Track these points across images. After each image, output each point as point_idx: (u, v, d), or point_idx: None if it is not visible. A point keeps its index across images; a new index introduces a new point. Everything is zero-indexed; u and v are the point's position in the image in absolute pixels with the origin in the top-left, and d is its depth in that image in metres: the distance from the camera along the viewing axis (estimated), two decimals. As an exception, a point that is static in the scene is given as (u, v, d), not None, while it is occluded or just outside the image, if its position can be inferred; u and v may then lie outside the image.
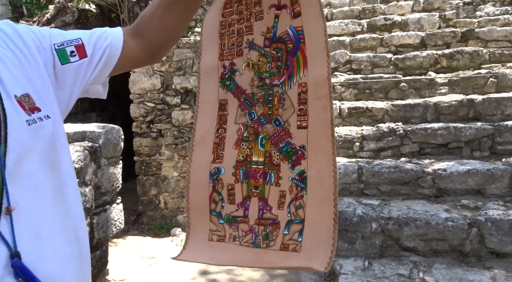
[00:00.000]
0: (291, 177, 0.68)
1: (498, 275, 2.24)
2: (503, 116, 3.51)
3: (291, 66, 0.69)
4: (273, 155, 0.70)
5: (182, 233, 3.98)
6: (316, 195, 0.65)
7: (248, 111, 0.73)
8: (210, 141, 0.76)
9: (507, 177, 2.77)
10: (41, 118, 0.59)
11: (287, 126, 0.69)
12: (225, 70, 0.76)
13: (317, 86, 0.66)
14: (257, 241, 0.70)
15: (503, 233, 2.35)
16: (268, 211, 0.70)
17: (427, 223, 2.47)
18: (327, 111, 0.64)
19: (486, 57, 4.54)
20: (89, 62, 0.69)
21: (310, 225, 0.65)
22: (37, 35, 0.66)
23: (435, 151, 3.36)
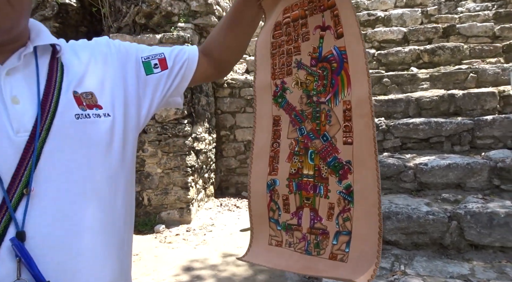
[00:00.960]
0: (339, 190, 0.72)
1: (476, 266, 2.29)
2: (483, 111, 3.58)
3: (336, 84, 0.72)
4: (322, 168, 0.74)
5: (166, 230, 3.95)
6: (362, 209, 0.69)
7: (298, 127, 0.78)
8: (266, 154, 0.82)
9: (486, 170, 2.83)
10: (99, 114, 0.66)
11: (334, 142, 0.72)
12: (277, 88, 0.81)
13: (360, 105, 0.69)
14: (309, 248, 0.75)
15: (481, 226, 2.40)
16: (318, 221, 0.74)
17: (409, 217, 2.50)
18: (370, 129, 0.67)
19: (466, 52, 4.62)
20: (169, 74, 0.79)
21: (356, 237, 0.69)
22: (127, 49, 0.77)
23: (416, 146, 3.41)
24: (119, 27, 4.42)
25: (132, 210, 0.75)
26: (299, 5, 0.77)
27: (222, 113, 5.45)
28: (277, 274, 2.86)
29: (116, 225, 0.67)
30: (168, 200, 4.10)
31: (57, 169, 0.61)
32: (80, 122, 0.64)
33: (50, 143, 0.60)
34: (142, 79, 0.76)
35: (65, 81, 0.66)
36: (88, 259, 0.61)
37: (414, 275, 2.21)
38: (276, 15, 0.81)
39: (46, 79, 0.64)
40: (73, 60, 0.70)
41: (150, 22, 4.38)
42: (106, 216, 0.65)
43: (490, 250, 2.42)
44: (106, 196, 0.65)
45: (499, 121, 3.23)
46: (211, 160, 5.07)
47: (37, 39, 0.66)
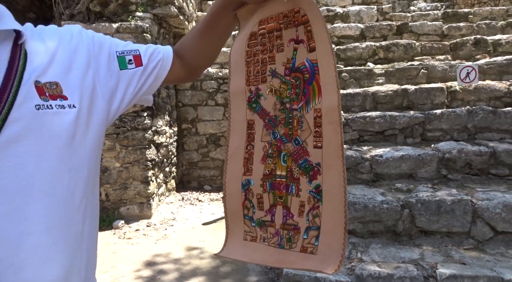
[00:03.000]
0: (309, 189, 0.78)
1: (426, 251, 2.45)
2: (433, 105, 3.81)
3: (308, 93, 0.78)
4: (294, 170, 0.80)
5: (126, 226, 3.85)
6: (329, 207, 0.75)
7: (272, 131, 0.83)
8: (241, 156, 0.87)
9: (435, 161, 3.02)
10: (63, 105, 0.64)
11: (305, 146, 0.78)
12: (252, 94, 0.86)
13: (329, 113, 0.75)
14: (282, 243, 0.81)
15: (430, 213, 2.57)
16: (290, 217, 0.81)
17: (365, 206, 2.62)
18: (338, 135, 0.74)
19: (418, 49, 4.87)
20: (143, 71, 0.79)
21: (325, 232, 0.75)
22: (101, 40, 0.76)
23: (373, 138, 3.56)
24: (72, 15, 4.20)
25: (95, 204, 0.74)
26: (274, 18, 0.82)
27: (184, 106, 5.37)
28: (240, 266, 2.90)
29: (73, 220, 0.66)
30: (127, 195, 4.00)
31: (10, 161, 0.58)
32: (40, 113, 0.62)
33: (5, 134, 0.58)
34: (115, 73, 0.76)
35: (28, 70, 0.63)
36: (34, 255, 0.60)
37: (369, 261, 2.33)
38: (252, 26, 0.86)
39: (6, 67, 0.61)
40: (39, 47, 0.67)
41: (106, 10, 4.20)
42: (61, 210, 0.63)
43: (438, 235, 2.60)
44: (63, 190, 0.64)
45: (447, 115, 3.45)
46: (172, 153, 4.99)
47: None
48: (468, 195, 2.65)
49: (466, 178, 3.00)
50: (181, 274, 2.84)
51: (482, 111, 3.40)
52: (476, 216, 2.53)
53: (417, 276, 2.12)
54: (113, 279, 2.78)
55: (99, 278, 2.77)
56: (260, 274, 2.76)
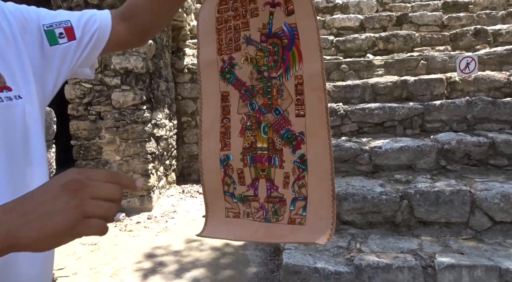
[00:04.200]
0: (293, 160, 0.76)
1: (424, 241, 2.47)
2: (432, 96, 3.80)
3: (287, 60, 0.75)
4: (276, 141, 0.77)
5: (126, 218, 3.87)
6: (316, 176, 0.73)
7: (249, 102, 0.79)
8: (217, 131, 0.83)
9: (434, 152, 3.03)
10: (10, 97, 0.59)
11: (287, 115, 0.76)
12: (225, 64, 0.81)
13: (312, 79, 0.72)
14: (268, 216, 0.78)
15: (429, 204, 2.58)
16: (275, 190, 0.78)
17: (364, 198, 2.64)
18: (322, 102, 0.71)
19: (418, 40, 4.84)
20: (78, 45, 0.70)
21: (312, 202, 0.74)
22: (24, 14, 0.66)
23: (372, 130, 3.57)
24: (69, 7, 4.17)
25: None
26: None
27: (183, 99, 5.36)
28: (240, 258, 2.92)
29: None
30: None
31: None
32: None
33: None
34: (46, 51, 0.67)
35: None
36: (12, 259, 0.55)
37: (368, 252, 2.35)
38: None
39: None
40: None
41: (104, 3, 4.17)
42: None
43: (436, 225, 2.62)
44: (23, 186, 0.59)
45: (446, 106, 3.44)
46: (172, 146, 5.00)
47: None
48: (467, 186, 2.66)
49: (465, 169, 3.01)
50: (181, 266, 2.86)
51: (481, 102, 3.40)
52: (475, 206, 2.55)
53: (415, 265, 2.14)
54: (115, 270, 2.81)
55: (101, 270, 2.80)
56: (260, 265, 2.79)
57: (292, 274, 2.23)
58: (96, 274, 2.76)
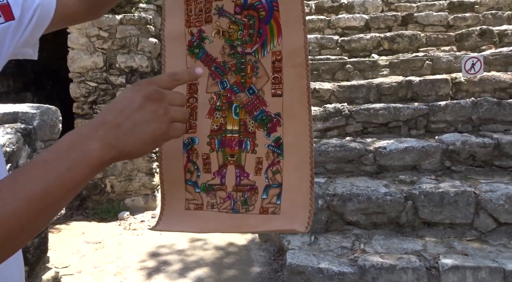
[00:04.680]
0: (267, 143, 0.69)
1: (428, 242, 2.46)
2: (437, 96, 3.78)
3: (264, 34, 0.68)
4: (248, 123, 0.70)
5: (131, 217, 3.89)
6: (293, 160, 0.67)
7: (220, 80, 0.72)
8: None
9: (439, 153, 3.01)
10: None
11: (262, 95, 0.69)
12: (193, 37, 0.73)
13: (293, 55, 0.66)
14: (236, 207, 0.70)
15: (434, 204, 2.58)
16: (245, 177, 0.71)
17: (368, 198, 2.63)
18: (303, 79, 0.65)
19: (423, 40, 4.82)
20: (18, 25, 0.62)
21: (288, 188, 0.67)
22: None
23: (376, 130, 3.56)
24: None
25: None
26: None
27: (187, 98, 5.37)
28: (244, 257, 2.93)
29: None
30: (132, 187, 4.03)
31: None
32: None
33: None
34: None
35: None
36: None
37: (372, 252, 2.35)
38: None
39: None
40: None
41: (109, 2, 4.19)
42: None
43: (440, 226, 2.61)
44: None
45: (451, 106, 3.43)
46: (175, 145, 5.01)
47: None
48: (472, 187, 2.65)
49: (470, 170, 2.99)
50: (185, 265, 2.87)
51: (486, 103, 3.38)
52: (479, 208, 2.54)
53: (419, 266, 2.13)
54: (119, 269, 2.83)
55: (105, 269, 2.82)
56: (264, 265, 2.79)
57: (296, 274, 2.23)
58: (100, 273, 2.78)
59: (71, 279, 2.70)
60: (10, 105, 2.15)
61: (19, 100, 4.12)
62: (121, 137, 0.46)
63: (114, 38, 3.95)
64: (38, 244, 2.04)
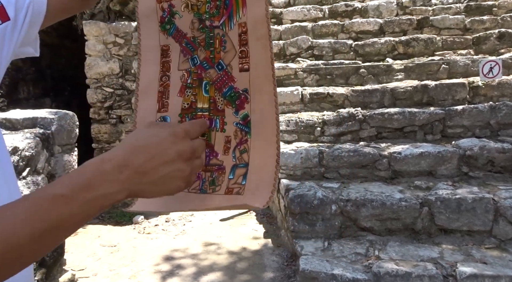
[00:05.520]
0: (236, 121, 0.67)
1: (445, 249, 2.41)
2: (454, 101, 3.72)
3: (230, 5, 0.66)
4: (217, 100, 0.68)
5: (145, 221, 3.93)
6: (259, 138, 0.66)
7: (190, 57, 0.70)
8: (155, 90, 0.73)
9: (456, 158, 2.96)
10: None
11: (230, 70, 0.67)
12: (164, 13, 0.71)
13: (256, 26, 0.64)
14: (204, 187, 0.69)
15: (450, 211, 2.52)
16: (214, 157, 0.69)
17: (383, 204, 2.60)
18: (267, 51, 0.63)
19: (439, 44, 4.75)
20: (14, 25, 0.62)
21: (253, 168, 0.66)
22: None
23: (391, 135, 3.51)
24: (93, 14, 4.29)
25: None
26: None
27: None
28: (257, 262, 2.92)
29: None
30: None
31: None
32: None
33: None
34: None
35: None
36: None
37: (387, 259, 2.31)
38: None
39: None
40: None
41: (125, 9, 4.27)
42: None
43: (458, 234, 2.55)
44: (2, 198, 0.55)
45: (468, 111, 3.36)
46: (189, 150, 5.06)
47: None
48: (490, 193, 2.59)
49: (488, 176, 2.92)
50: (198, 269, 2.88)
51: (505, 107, 3.30)
52: (498, 215, 2.47)
53: (436, 274, 2.09)
54: (133, 272, 2.86)
55: (120, 272, 2.85)
56: (277, 270, 2.78)
57: (309, 280, 2.21)
58: (116, 276, 2.81)
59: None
60: (29, 111, 2.21)
61: (39, 105, 4.23)
62: (142, 185, 0.47)
63: (130, 44, 4.02)
64: (56, 247, 2.08)
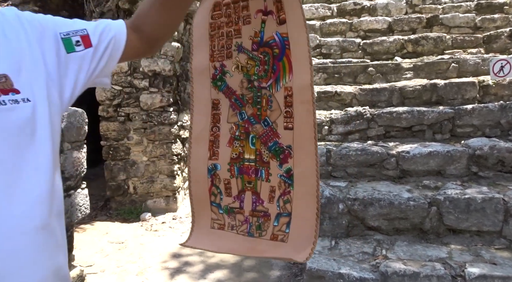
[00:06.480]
0: (280, 173, 0.74)
1: (454, 250, 2.39)
2: (463, 100, 3.68)
3: (278, 70, 0.73)
4: (263, 153, 0.75)
5: (152, 218, 3.95)
6: (301, 191, 0.71)
7: (239, 111, 0.78)
8: (206, 139, 0.81)
9: (465, 158, 2.92)
10: (17, 100, 0.59)
11: (275, 127, 0.74)
12: (216, 71, 0.80)
13: (301, 92, 0.70)
14: (251, 230, 0.77)
15: (459, 211, 2.50)
16: (260, 204, 0.76)
17: (391, 203, 2.58)
18: (311, 115, 0.69)
19: (449, 43, 4.70)
20: (94, 52, 0.71)
21: (296, 218, 0.72)
22: (41, 22, 0.68)
23: (399, 134, 3.49)
24: (102, 12, 4.32)
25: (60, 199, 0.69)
26: None
27: (208, 102, 5.42)
28: (263, 261, 2.92)
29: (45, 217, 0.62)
30: (154, 188, 4.10)
31: None
32: None
33: None
34: (62, 58, 0.68)
35: None
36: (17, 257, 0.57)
37: (395, 259, 2.30)
38: None
39: None
40: None
41: (134, 7, 4.29)
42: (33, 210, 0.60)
43: (467, 234, 2.52)
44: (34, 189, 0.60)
45: (478, 110, 3.32)
46: (197, 148, 5.06)
47: None
48: (500, 193, 2.55)
49: (498, 176, 2.89)
50: (206, 266, 2.89)
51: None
52: (509, 215, 2.44)
53: (444, 275, 2.07)
54: (141, 269, 2.87)
55: (128, 268, 2.87)
56: (283, 268, 2.78)
57: (316, 279, 2.20)
58: (123, 272, 2.83)
59: (95, 278, 2.76)
60: (39, 108, 2.23)
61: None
62: None
63: (138, 42, 4.04)
64: (64, 242, 2.10)
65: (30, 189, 0.60)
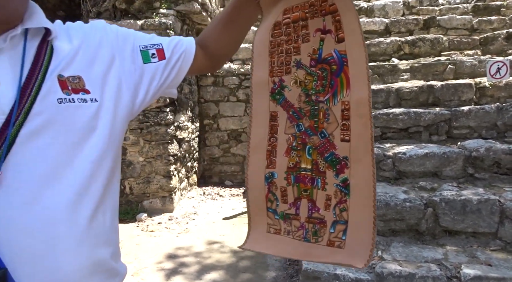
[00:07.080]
0: (336, 183, 0.77)
1: (449, 251, 2.39)
2: (460, 102, 3.69)
3: (335, 85, 0.77)
4: (319, 163, 0.79)
5: (148, 219, 3.94)
6: (357, 201, 0.74)
7: (296, 123, 0.82)
8: (264, 148, 0.86)
9: (461, 159, 2.93)
10: (85, 99, 0.66)
11: (332, 139, 0.77)
12: (275, 85, 0.85)
13: (359, 106, 0.74)
14: (308, 236, 0.80)
15: (455, 212, 2.50)
16: (316, 211, 0.80)
17: (387, 204, 2.58)
18: (368, 129, 0.73)
19: (445, 44, 4.72)
20: (166, 64, 0.80)
21: (352, 226, 0.75)
22: (124, 35, 0.78)
23: (396, 135, 3.49)
24: (99, 12, 4.31)
25: (116, 195, 0.75)
26: (299, 7, 0.80)
27: (206, 102, 5.42)
28: (259, 261, 2.92)
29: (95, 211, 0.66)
30: (150, 189, 4.09)
31: (32, 153, 0.60)
32: (62, 107, 0.63)
33: (27, 127, 0.60)
34: (139, 67, 0.77)
35: (52, 65, 0.65)
36: (55, 245, 0.61)
37: (390, 260, 2.29)
38: (275, 15, 0.84)
39: (32, 62, 0.63)
40: (64, 43, 0.69)
41: (131, 8, 4.28)
42: (83, 201, 0.64)
43: (463, 235, 2.53)
44: (85, 182, 0.65)
45: (475, 112, 3.33)
46: (194, 148, 5.06)
47: (28, 22, 0.65)
48: (496, 195, 2.56)
49: (494, 177, 2.89)
50: (201, 267, 2.88)
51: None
52: (504, 217, 2.44)
53: (440, 276, 2.07)
54: (136, 270, 2.86)
55: (122, 269, 2.86)
56: (279, 269, 2.77)
57: (311, 279, 2.20)
58: (118, 273, 2.82)
59: (90, 279, 2.75)
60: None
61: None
62: None
63: (135, 42, 4.03)
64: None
65: (79, 182, 0.64)
